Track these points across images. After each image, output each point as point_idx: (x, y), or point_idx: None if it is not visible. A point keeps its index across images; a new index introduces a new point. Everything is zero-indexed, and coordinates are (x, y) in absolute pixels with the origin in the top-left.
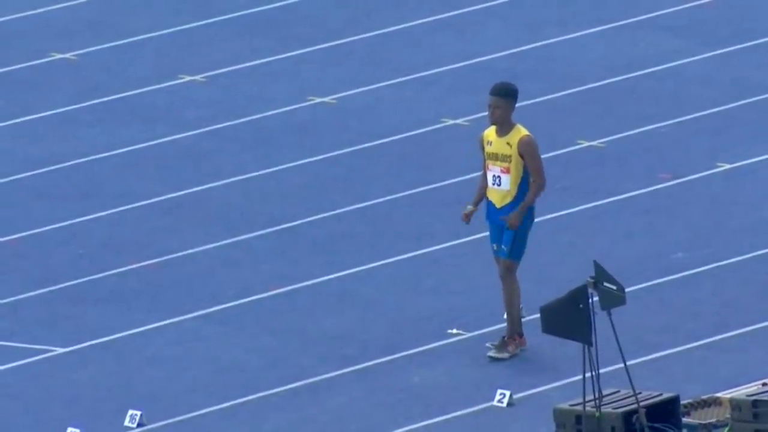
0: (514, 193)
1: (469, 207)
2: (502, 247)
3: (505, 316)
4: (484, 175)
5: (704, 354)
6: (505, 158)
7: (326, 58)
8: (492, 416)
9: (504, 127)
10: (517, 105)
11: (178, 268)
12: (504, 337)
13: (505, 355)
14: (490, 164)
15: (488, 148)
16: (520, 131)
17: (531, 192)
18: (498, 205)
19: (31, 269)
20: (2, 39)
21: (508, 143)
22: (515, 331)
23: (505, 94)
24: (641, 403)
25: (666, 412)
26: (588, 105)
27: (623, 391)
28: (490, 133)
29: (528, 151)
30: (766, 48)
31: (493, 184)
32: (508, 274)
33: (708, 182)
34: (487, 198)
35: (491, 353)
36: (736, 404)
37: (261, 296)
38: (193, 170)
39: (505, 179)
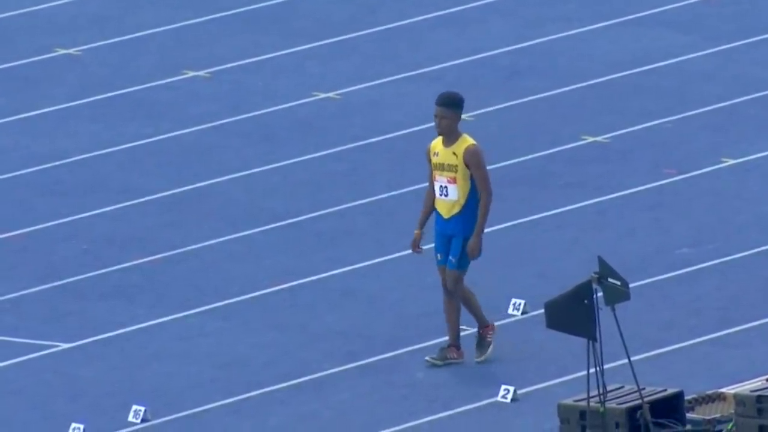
0: (462, 203)
1: (416, 232)
2: (450, 258)
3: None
4: (432, 189)
5: (708, 349)
6: (452, 168)
7: (330, 54)
8: (496, 412)
9: (450, 137)
10: (520, 101)
11: (181, 263)
12: (479, 331)
13: (489, 349)
14: (436, 175)
15: (435, 159)
16: (466, 141)
17: (482, 212)
18: (446, 216)
19: (34, 265)
20: (6, 35)
21: (454, 153)
22: (485, 322)
23: (451, 104)
24: (645, 399)
25: (670, 407)
26: (592, 101)
27: (627, 387)
28: (437, 143)
29: (473, 161)
30: None
31: (441, 195)
32: (456, 286)
33: (713, 178)
34: (435, 208)
35: (479, 359)
36: (740, 400)
37: (265, 292)
38: (196, 166)
39: (452, 189)
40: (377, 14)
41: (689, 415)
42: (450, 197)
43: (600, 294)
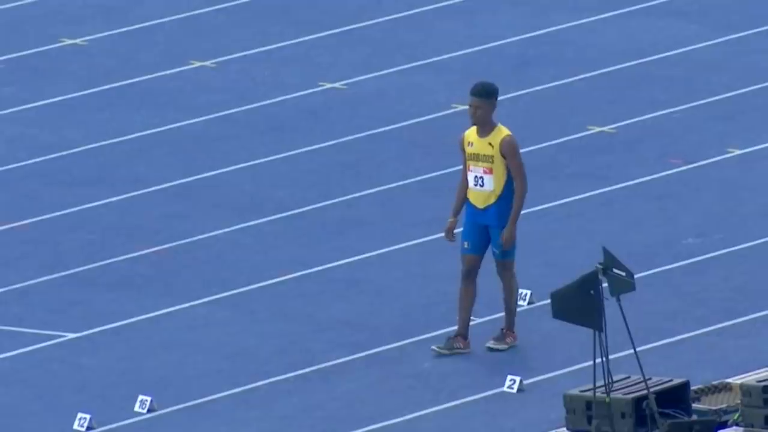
0: (498, 193)
1: (450, 220)
2: (494, 249)
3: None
4: (465, 177)
5: (715, 340)
6: (487, 159)
7: (337, 44)
8: (502, 402)
9: (485, 128)
10: (528, 91)
11: (188, 253)
12: (502, 329)
13: (504, 346)
14: (471, 165)
15: (469, 149)
16: (502, 131)
17: (516, 201)
18: (480, 206)
19: (41, 255)
20: (13, 24)
21: (490, 143)
22: (511, 326)
23: (486, 94)
24: (651, 389)
25: (676, 397)
26: (599, 90)
27: (633, 377)
28: (471, 133)
29: (510, 152)
30: None
31: (475, 185)
32: (506, 273)
33: (719, 168)
34: (467, 199)
35: (490, 344)
36: (746, 390)
37: (271, 282)
38: (203, 156)
39: (488, 180)
40: (384, 4)
41: (695, 406)
42: (486, 187)
43: (605, 284)
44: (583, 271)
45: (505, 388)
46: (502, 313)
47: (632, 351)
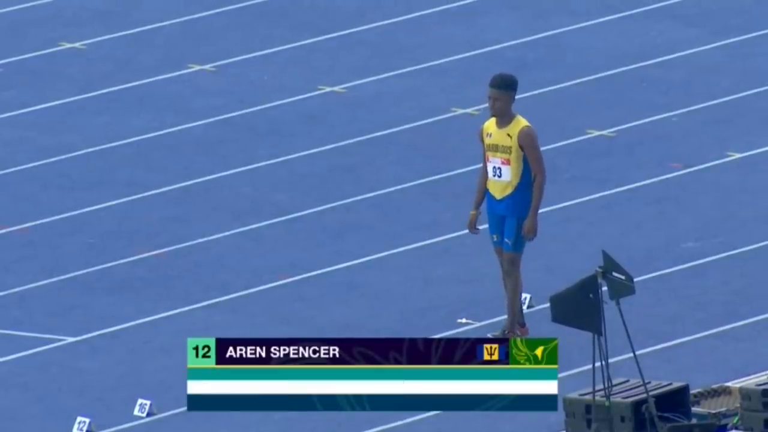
0: (514, 184)
1: (472, 212)
2: (505, 240)
3: (506, 310)
4: (485, 169)
5: (714, 343)
6: (506, 149)
7: (336, 47)
8: None
9: (504, 119)
10: (527, 94)
11: (187, 257)
12: (504, 331)
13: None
14: (489, 156)
15: (488, 140)
16: (521, 122)
17: (536, 192)
18: (498, 197)
19: (40, 258)
20: (12, 28)
21: (508, 134)
22: (516, 323)
23: (506, 86)
24: (651, 393)
25: (675, 401)
26: (598, 94)
27: (633, 381)
28: (490, 124)
29: (528, 143)
30: None
31: (494, 176)
32: (513, 268)
33: (718, 171)
34: (487, 189)
35: (492, 334)
36: (746, 393)
37: (270, 285)
38: (202, 159)
39: (506, 170)
40: (383, 7)
41: (695, 409)
42: (503, 178)
43: (605, 288)
44: (582, 274)
45: None
46: (505, 316)
47: (632, 354)
